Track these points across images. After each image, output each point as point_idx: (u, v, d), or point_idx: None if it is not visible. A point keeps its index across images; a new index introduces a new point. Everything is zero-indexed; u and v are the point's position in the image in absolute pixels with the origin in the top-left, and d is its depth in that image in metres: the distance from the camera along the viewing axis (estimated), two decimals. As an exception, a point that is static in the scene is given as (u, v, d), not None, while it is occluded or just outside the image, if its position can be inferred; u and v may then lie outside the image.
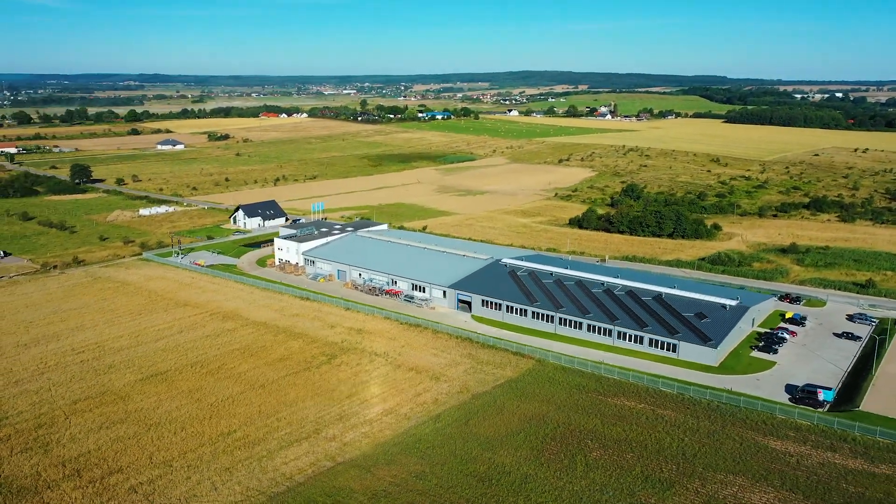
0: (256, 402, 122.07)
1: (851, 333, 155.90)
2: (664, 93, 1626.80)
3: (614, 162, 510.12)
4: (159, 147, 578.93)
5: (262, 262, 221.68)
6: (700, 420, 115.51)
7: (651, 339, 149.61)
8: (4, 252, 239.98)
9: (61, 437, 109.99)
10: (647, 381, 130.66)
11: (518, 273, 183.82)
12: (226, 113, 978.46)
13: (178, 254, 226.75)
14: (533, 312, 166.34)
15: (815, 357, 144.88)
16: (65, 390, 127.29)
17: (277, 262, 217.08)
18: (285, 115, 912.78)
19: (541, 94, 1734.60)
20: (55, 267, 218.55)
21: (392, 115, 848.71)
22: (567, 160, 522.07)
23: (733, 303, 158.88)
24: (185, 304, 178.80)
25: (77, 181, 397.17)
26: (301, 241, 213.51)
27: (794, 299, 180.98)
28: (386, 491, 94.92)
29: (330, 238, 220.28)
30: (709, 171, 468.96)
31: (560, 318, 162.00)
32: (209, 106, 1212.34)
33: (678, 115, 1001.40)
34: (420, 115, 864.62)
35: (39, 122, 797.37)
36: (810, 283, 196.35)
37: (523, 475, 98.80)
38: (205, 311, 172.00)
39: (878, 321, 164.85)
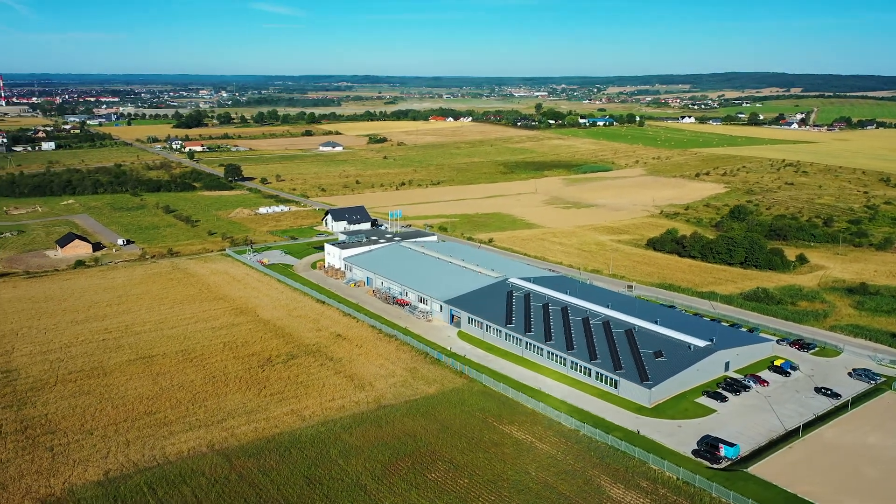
0: (198, 389, 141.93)
1: (831, 390, 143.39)
2: (883, 98, 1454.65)
3: (758, 178, 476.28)
4: (321, 149, 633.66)
5: (314, 265, 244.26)
6: (568, 457, 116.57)
7: (597, 373, 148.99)
8: (128, 240, 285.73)
9: (38, 400, 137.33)
10: (553, 412, 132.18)
11: (514, 294, 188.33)
12: (401, 116, 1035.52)
13: (250, 252, 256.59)
14: (506, 334, 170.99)
15: (766, 411, 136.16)
16: (72, 363, 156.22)
17: (326, 266, 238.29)
18: (451, 119, 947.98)
19: (739, 99, 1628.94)
20: (153, 257, 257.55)
21: (553, 121, 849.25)
22: (706, 174, 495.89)
23: (701, 344, 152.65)
24: (221, 297, 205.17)
25: (229, 179, 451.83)
26: (343, 248, 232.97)
27: (805, 346, 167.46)
28: (227, 479, 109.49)
29: (373, 246, 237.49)
30: (866, 192, 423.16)
31: (526, 342, 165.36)
32: (400, 107, 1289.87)
33: (881, 125, 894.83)
34: (581, 120, 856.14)
35: (238, 122, 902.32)
36: (842, 330, 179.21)
37: (352, 484, 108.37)
38: (229, 306, 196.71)
39: (881, 379, 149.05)
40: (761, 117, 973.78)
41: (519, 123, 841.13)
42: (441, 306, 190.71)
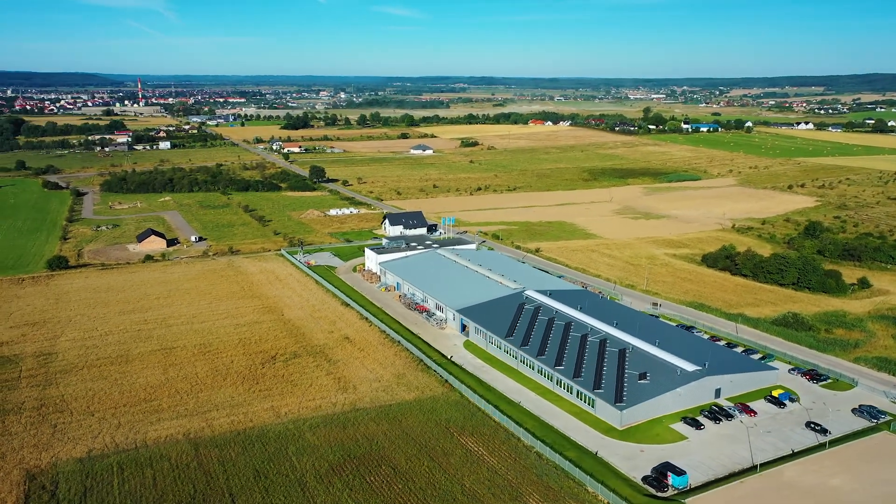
0: (198, 381, 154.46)
1: (820, 425, 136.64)
2: None
3: (859, 191, 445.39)
4: (411, 152, 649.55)
5: (355, 269, 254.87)
6: (509, 472, 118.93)
7: (578, 391, 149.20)
8: (200, 237, 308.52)
9: (62, 382, 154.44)
10: (515, 427, 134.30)
11: (525, 307, 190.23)
12: (503, 119, 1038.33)
13: (301, 252, 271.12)
14: (505, 346, 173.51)
15: (741, 443, 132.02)
16: (104, 350, 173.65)
17: (364, 270, 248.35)
18: (549, 123, 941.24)
19: (874, 103, 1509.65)
20: (214, 254, 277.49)
21: (653, 126, 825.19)
22: (801, 186, 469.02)
23: (690, 368, 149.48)
24: (257, 296, 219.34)
25: (313, 180, 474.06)
26: (379, 253, 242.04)
27: (817, 377, 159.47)
28: (187, 466, 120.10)
29: (409, 252, 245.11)
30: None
31: (521, 356, 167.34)
32: (505, 110, 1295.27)
33: None
34: (684, 126, 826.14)
35: (342, 124, 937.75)
36: (867, 363, 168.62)
37: (294, 481, 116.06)
38: (260, 304, 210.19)
39: (886, 418, 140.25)
40: (891, 124, 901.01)
41: (617, 128, 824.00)
42: (454, 314, 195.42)
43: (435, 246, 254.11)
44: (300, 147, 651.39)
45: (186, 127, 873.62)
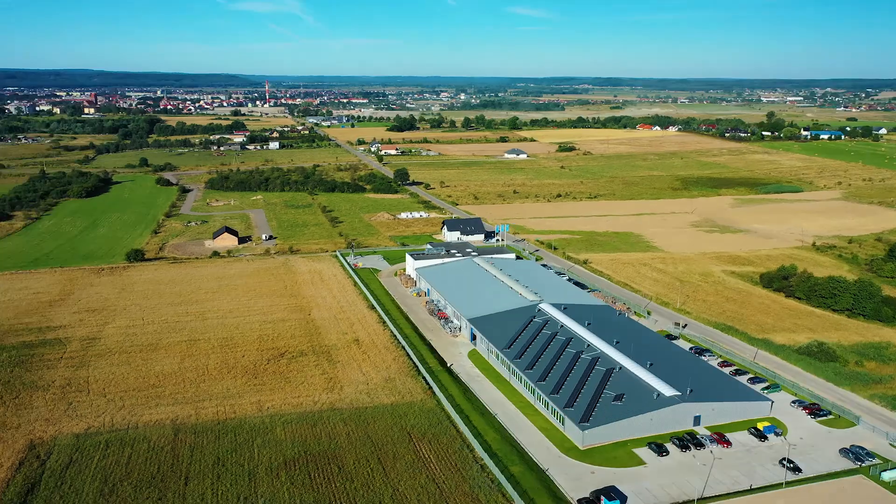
0: (205, 372, 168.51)
1: (794, 463, 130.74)
2: None
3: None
4: (505, 156, 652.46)
5: (396, 273, 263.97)
6: (446, 482, 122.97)
7: (553, 408, 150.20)
8: (270, 236, 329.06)
9: (93, 364, 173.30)
10: (473, 438, 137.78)
11: (534, 320, 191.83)
12: (612, 123, 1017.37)
13: (352, 255, 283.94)
14: (502, 358, 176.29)
15: (699, 474, 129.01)
16: (140, 338, 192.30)
17: (404, 275, 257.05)
18: (657, 128, 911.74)
19: None
20: (275, 253, 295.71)
21: (768, 133, 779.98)
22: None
23: (668, 393, 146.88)
24: (294, 294, 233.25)
25: (397, 182, 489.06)
26: (416, 259, 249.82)
27: (817, 412, 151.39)
28: (161, 448, 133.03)
29: (446, 259, 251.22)
30: None
31: (513, 368, 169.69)
32: (617, 113, 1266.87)
33: None
34: (803, 133, 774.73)
35: (447, 126, 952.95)
36: (881, 400, 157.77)
37: (247, 471, 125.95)
38: (292, 303, 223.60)
39: (874, 461, 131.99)
40: None
41: (727, 135, 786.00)
42: (466, 323, 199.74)
43: (474, 254, 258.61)
44: (396, 149, 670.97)
45: (300, 128, 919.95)
